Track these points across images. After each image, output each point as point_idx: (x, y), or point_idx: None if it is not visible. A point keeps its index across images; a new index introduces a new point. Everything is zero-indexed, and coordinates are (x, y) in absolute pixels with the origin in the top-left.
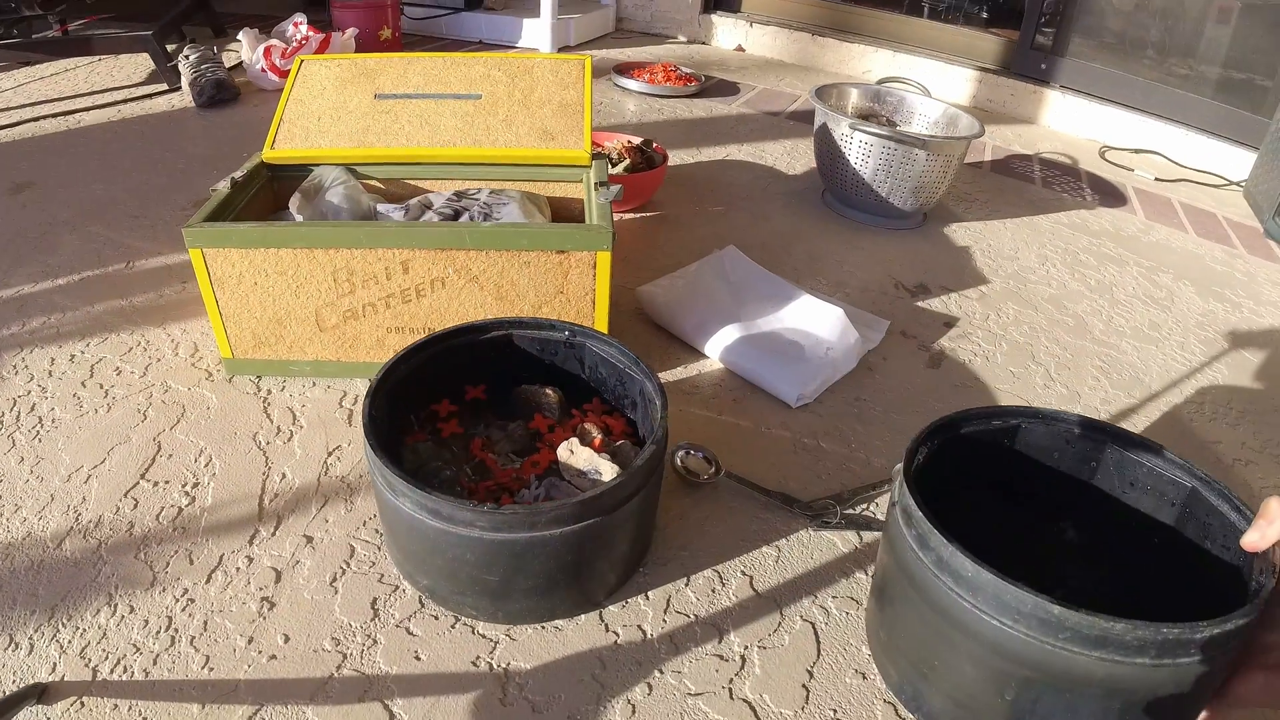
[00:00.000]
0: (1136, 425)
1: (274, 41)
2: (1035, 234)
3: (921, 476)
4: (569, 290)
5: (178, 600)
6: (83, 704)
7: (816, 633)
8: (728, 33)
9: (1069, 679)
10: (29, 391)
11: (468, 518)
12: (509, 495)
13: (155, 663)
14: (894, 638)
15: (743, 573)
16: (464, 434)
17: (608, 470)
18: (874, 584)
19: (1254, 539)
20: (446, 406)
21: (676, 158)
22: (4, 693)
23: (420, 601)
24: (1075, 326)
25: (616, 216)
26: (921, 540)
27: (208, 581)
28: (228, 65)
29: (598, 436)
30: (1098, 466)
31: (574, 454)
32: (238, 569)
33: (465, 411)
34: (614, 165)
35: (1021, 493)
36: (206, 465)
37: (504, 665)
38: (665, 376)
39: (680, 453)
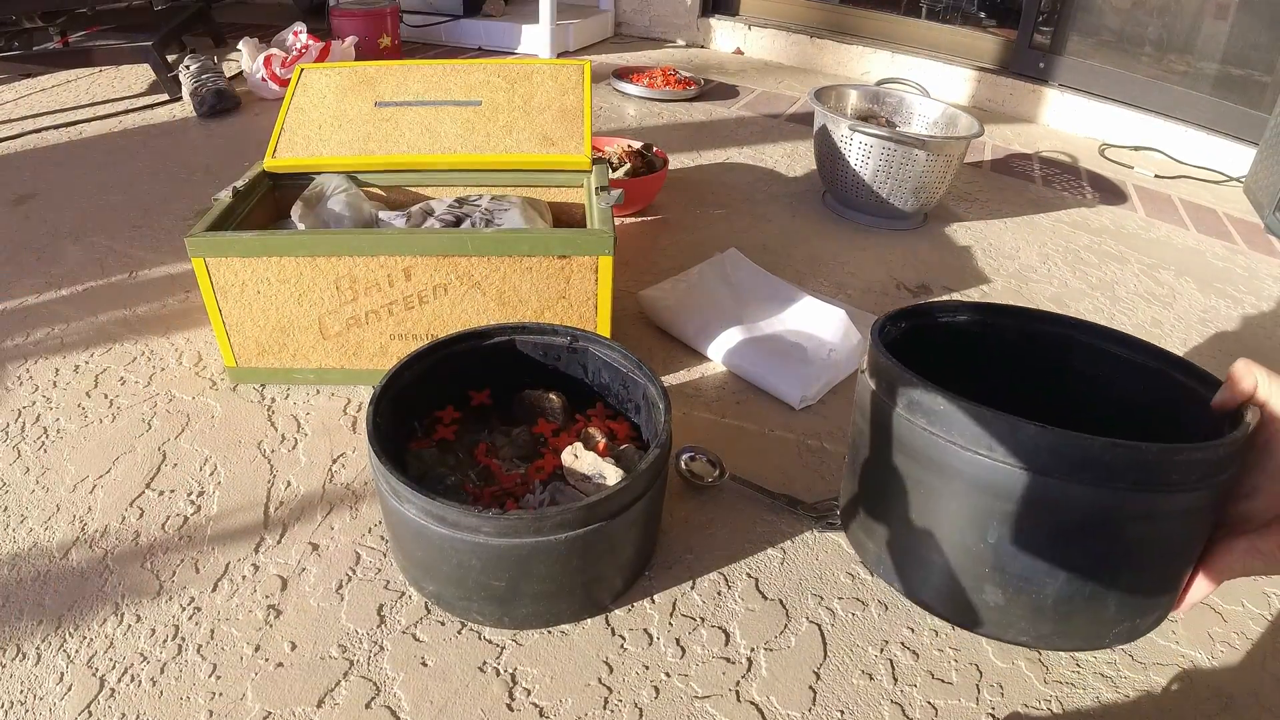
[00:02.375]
0: None
1: (274, 51)
2: (1036, 233)
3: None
4: (571, 295)
5: (184, 609)
6: (90, 713)
7: (823, 634)
8: (726, 36)
9: (1050, 509)
10: (34, 402)
11: (473, 523)
12: (514, 501)
13: (162, 671)
14: (869, 501)
15: (748, 575)
16: (467, 439)
17: (612, 474)
18: (847, 465)
19: (1224, 398)
20: (450, 413)
21: (677, 161)
22: (11, 702)
23: (426, 608)
24: None
25: (618, 221)
26: (890, 388)
27: (214, 590)
28: (228, 75)
29: (602, 441)
30: (1068, 357)
31: (578, 459)
32: (244, 577)
33: (469, 417)
34: (615, 170)
35: (991, 389)
36: (211, 474)
37: (511, 670)
38: (668, 380)
39: (684, 456)
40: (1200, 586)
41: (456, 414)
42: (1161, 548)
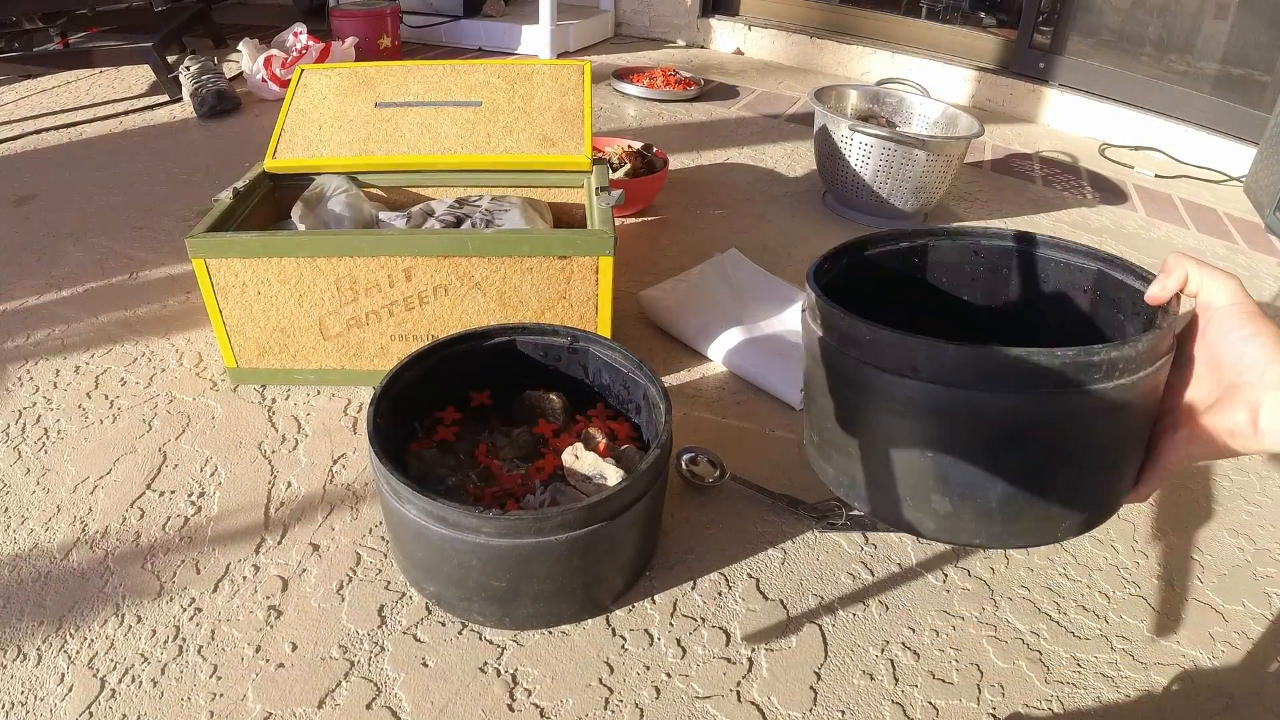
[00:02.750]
0: None
1: (274, 51)
2: (1036, 232)
3: (831, 294)
4: (571, 295)
5: (185, 610)
6: (91, 714)
7: (823, 634)
8: (726, 36)
9: (980, 421)
10: (34, 403)
11: (473, 524)
12: (514, 501)
13: (163, 672)
14: (823, 433)
15: (749, 575)
16: (468, 440)
17: (613, 475)
18: (805, 402)
19: (1156, 291)
20: (451, 414)
21: (677, 162)
22: (12, 703)
23: (427, 608)
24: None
25: (618, 221)
26: (826, 324)
27: (215, 591)
28: (228, 76)
29: (602, 441)
30: (1009, 272)
31: (579, 459)
32: (244, 578)
33: (470, 418)
34: (615, 170)
35: (936, 314)
36: (212, 475)
37: (511, 671)
38: (668, 380)
39: (685, 456)
40: (1152, 478)
41: (457, 415)
42: (1097, 444)
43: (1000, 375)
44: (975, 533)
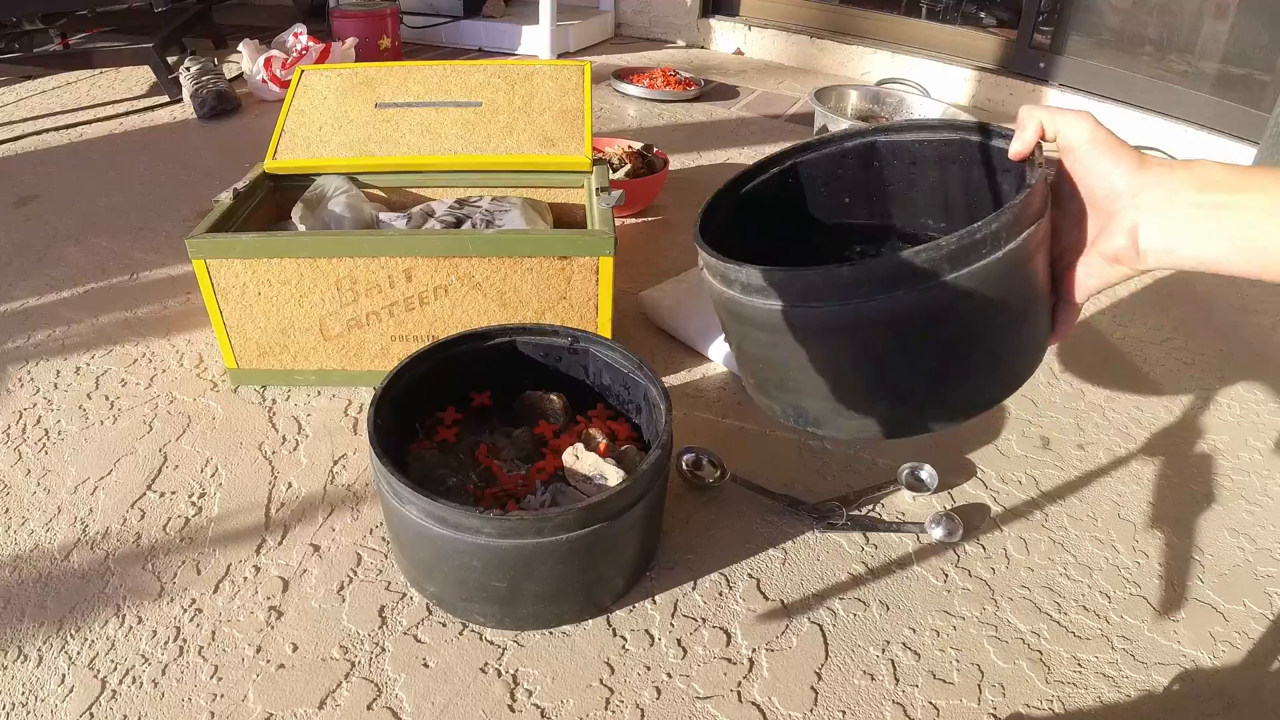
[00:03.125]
0: (1145, 424)
1: (274, 52)
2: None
3: (725, 238)
4: (572, 296)
5: (185, 610)
6: (92, 715)
7: (824, 634)
8: (726, 36)
9: (881, 327)
10: (35, 404)
11: (474, 524)
12: (515, 502)
13: (164, 673)
14: (756, 374)
15: (750, 575)
16: (469, 441)
17: (613, 475)
18: (733, 352)
19: (1017, 147)
20: (452, 414)
21: (677, 162)
22: (13, 704)
23: (428, 609)
24: (1079, 324)
25: (618, 221)
26: (725, 278)
27: (215, 591)
28: (229, 76)
29: (603, 442)
30: (881, 166)
31: (579, 459)
32: (245, 579)
33: (470, 418)
34: (615, 170)
35: (827, 226)
36: (213, 475)
37: (512, 671)
38: (669, 380)
39: (686, 456)
40: (1066, 316)
41: (458, 415)
42: (1004, 309)
43: (896, 279)
44: (922, 421)
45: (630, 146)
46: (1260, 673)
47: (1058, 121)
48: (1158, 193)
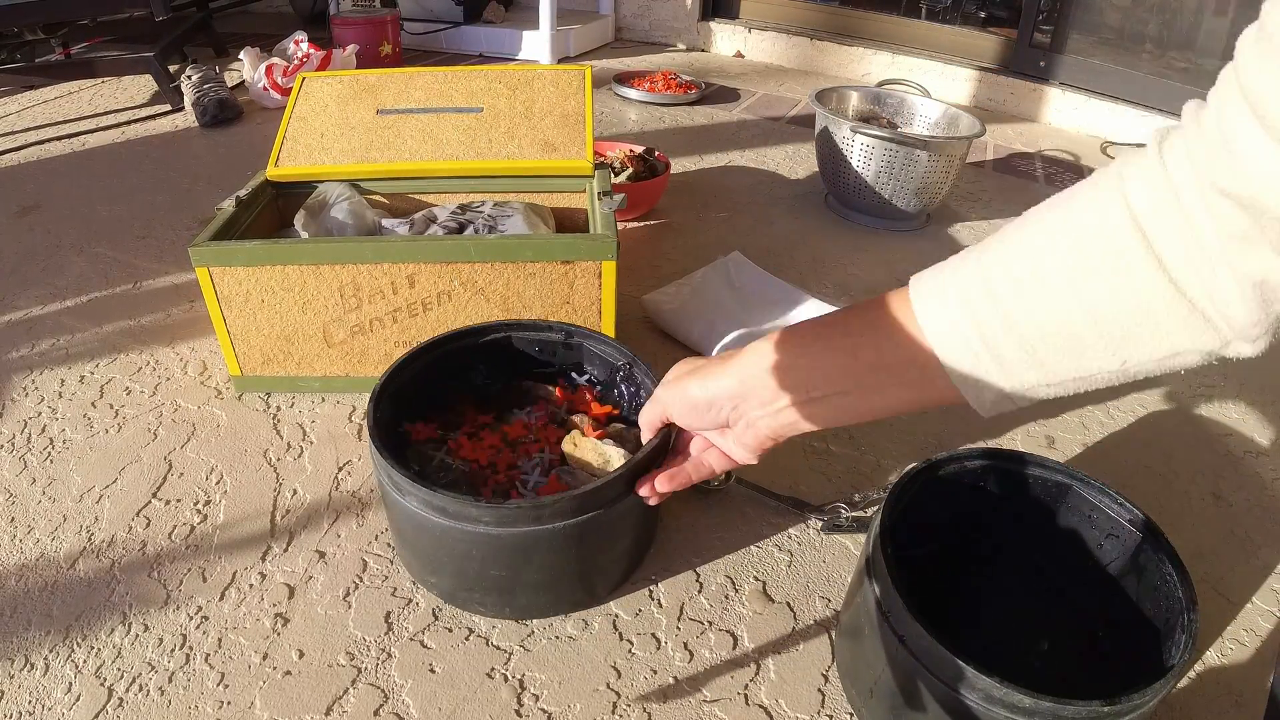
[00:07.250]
0: (1148, 418)
1: (275, 60)
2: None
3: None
4: (575, 300)
5: (192, 618)
6: None
7: (831, 637)
8: (726, 39)
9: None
10: (40, 413)
11: (473, 514)
12: (515, 491)
13: (170, 680)
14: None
15: (755, 578)
16: (466, 433)
17: (617, 458)
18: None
19: (646, 435)
20: (450, 408)
21: (679, 165)
22: (19, 713)
23: (434, 614)
24: None
25: (620, 225)
26: (900, 626)
27: (221, 599)
28: (230, 84)
29: (598, 429)
30: (1056, 511)
31: (578, 446)
32: (251, 586)
33: (468, 411)
34: (617, 174)
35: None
36: (218, 483)
37: (519, 676)
38: None
39: None
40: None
41: (456, 409)
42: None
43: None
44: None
45: (632, 150)
46: (1269, 670)
47: (650, 417)
48: (749, 405)
